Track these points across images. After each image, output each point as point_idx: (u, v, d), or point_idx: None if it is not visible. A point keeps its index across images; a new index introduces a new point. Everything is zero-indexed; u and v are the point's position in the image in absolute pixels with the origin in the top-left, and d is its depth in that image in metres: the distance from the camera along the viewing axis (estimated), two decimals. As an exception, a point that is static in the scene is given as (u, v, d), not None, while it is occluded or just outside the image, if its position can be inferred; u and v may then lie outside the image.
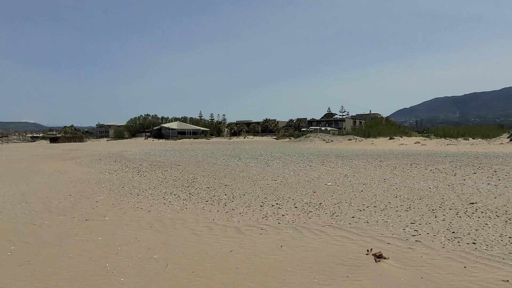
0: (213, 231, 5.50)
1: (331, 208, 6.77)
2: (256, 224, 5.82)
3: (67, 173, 14.37)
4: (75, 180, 12.07)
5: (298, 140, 48.33)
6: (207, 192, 8.98)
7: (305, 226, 5.62)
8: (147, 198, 8.43)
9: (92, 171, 15.07)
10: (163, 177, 12.21)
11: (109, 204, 7.82)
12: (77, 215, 6.84)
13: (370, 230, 5.31)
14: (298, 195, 8.23)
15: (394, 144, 33.00)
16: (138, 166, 16.31)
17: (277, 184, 9.92)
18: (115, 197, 8.64)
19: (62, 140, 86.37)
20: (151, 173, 13.37)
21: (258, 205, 7.22)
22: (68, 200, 8.50)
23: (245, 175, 12.03)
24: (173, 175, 12.67)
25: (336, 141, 41.75)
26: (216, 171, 13.31)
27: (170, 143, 56.78)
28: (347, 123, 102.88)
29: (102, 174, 13.79)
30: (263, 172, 12.73)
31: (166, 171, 14.09)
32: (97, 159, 22.07)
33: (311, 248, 4.56)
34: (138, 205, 7.61)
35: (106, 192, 9.41)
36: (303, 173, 12.09)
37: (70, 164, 19.31)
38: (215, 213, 6.69)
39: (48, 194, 9.38)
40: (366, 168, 12.95)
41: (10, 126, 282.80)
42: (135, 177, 12.48)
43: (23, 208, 7.72)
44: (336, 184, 9.63)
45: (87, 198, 8.64)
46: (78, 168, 16.41)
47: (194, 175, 12.34)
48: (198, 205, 7.46)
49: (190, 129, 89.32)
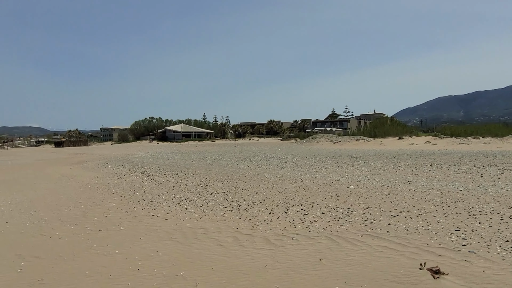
0: (239, 242, 5.04)
1: (362, 214, 6.29)
2: (285, 233, 5.36)
3: (75, 178, 13.98)
4: (84, 186, 11.67)
5: (305, 141, 47.78)
6: (224, 197, 8.52)
7: (339, 235, 5.15)
8: (162, 204, 7.99)
9: (100, 175, 14.68)
10: (175, 181, 11.77)
11: (122, 212, 7.39)
12: (90, 225, 6.40)
13: (412, 239, 4.83)
14: (321, 199, 7.75)
15: (403, 144, 32.41)
16: (147, 170, 15.89)
17: (296, 187, 9.45)
18: (128, 204, 8.21)
19: (67, 144, 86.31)
20: (161, 177, 12.94)
21: (282, 211, 6.75)
22: (78, 207, 8.08)
23: (260, 178, 11.56)
24: (185, 179, 12.24)
25: (343, 141, 41.18)
26: (229, 174, 12.86)
27: (175, 146, 56.46)
28: (352, 124, 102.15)
29: (110, 178, 13.38)
30: (278, 175, 12.26)
31: (177, 174, 13.65)
32: (103, 163, 21.70)
33: (355, 262, 4.09)
34: (153, 213, 7.17)
35: (118, 199, 8.99)
36: (320, 175, 11.61)
37: (77, 168, 18.94)
38: (238, 221, 6.23)
39: (57, 201, 8.97)
40: (385, 170, 12.44)
41: (14, 130, 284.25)
42: (145, 181, 12.05)
43: (32, 217, 7.30)
44: (358, 187, 9.14)
45: (98, 205, 8.21)
46: (85, 173, 16.03)
47: (207, 179, 11.89)
48: (217, 212, 7.00)
49: (195, 131, 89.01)
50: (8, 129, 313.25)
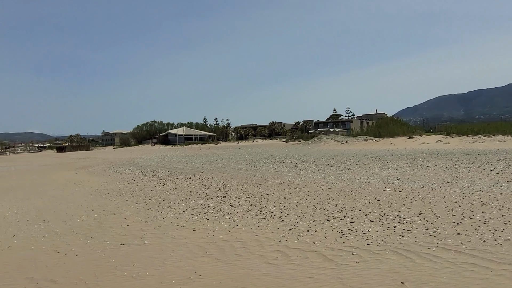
0: (290, 258, 4.29)
1: (418, 222, 5.52)
2: (340, 246, 4.60)
3: (83, 184, 13.24)
4: (93, 192, 10.92)
5: (310, 142, 47.01)
6: (250, 203, 7.77)
7: (406, 248, 4.39)
8: (183, 212, 7.23)
9: (108, 181, 13.93)
10: (190, 186, 11.02)
11: (142, 222, 6.63)
12: (108, 238, 5.65)
13: (498, 252, 4.07)
14: (361, 204, 6.99)
15: (414, 144, 31.62)
16: (157, 174, 15.14)
17: (325, 191, 8.69)
18: (146, 212, 7.45)
19: (68, 149, 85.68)
20: (174, 182, 12.19)
21: (323, 219, 5.99)
22: (91, 217, 7.33)
23: (282, 181, 10.81)
24: (200, 183, 11.48)
25: (350, 142, 40.42)
26: (247, 178, 12.10)
27: (179, 149, 55.76)
28: (354, 124, 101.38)
29: (120, 184, 12.64)
30: (299, 177, 11.51)
31: (190, 178, 12.90)
32: (110, 167, 20.95)
33: (447, 285, 3.32)
34: (177, 222, 6.41)
35: (133, 206, 8.24)
36: (346, 177, 10.85)
37: (83, 173, 18.20)
38: (277, 231, 5.47)
39: (67, 210, 8.22)
40: (414, 170, 11.67)
41: (16, 136, 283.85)
42: (159, 186, 11.30)
43: (42, 228, 6.56)
44: (395, 189, 8.38)
45: (113, 214, 7.46)
46: (92, 178, 15.28)
47: (224, 183, 11.13)
48: (249, 220, 6.24)
49: (197, 134, 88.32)
50: (10, 135, 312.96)
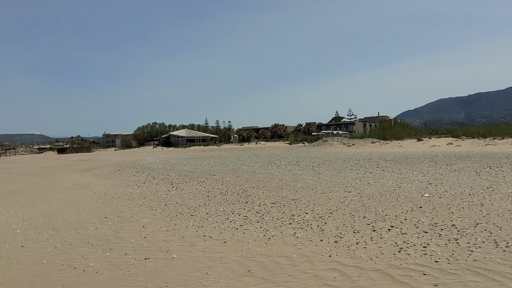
0: (352, 279, 3.65)
1: (480, 234, 4.88)
2: (404, 263, 3.96)
3: (90, 187, 12.60)
4: (103, 196, 10.29)
5: (316, 144, 46.36)
6: (278, 209, 7.13)
7: (484, 266, 3.75)
8: (207, 220, 6.59)
9: (116, 183, 13.29)
10: (205, 190, 10.38)
11: (163, 231, 6.00)
12: (129, 250, 5.02)
13: None
14: (402, 212, 6.35)
15: (424, 146, 30.98)
16: (166, 177, 14.51)
17: (356, 196, 8.05)
18: (164, 220, 6.82)
19: (70, 151, 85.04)
20: (187, 185, 11.56)
21: (368, 229, 5.36)
22: (105, 224, 6.70)
23: (303, 185, 10.17)
24: (215, 187, 10.84)
25: (357, 144, 39.76)
26: (264, 181, 11.46)
27: (182, 151, 55.13)
28: (357, 126, 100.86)
29: (130, 187, 12.00)
30: (321, 181, 10.87)
31: (203, 182, 12.26)
32: (115, 169, 20.32)
33: None
34: (203, 232, 5.77)
35: (149, 212, 7.60)
36: (372, 181, 10.21)
37: (88, 176, 17.57)
38: (321, 244, 4.83)
39: (78, 216, 7.59)
40: (442, 174, 11.03)
41: (16, 138, 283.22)
42: (172, 190, 10.67)
43: (52, 238, 5.92)
44: (433, 195, 7.74)
45: (129, 222, 6.82)
46: (99, 181, 14.65)
47: (241, 187, 10.50)
48: (284, 230, 5.61)
49: (199, 136, 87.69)
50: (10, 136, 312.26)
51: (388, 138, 41.82)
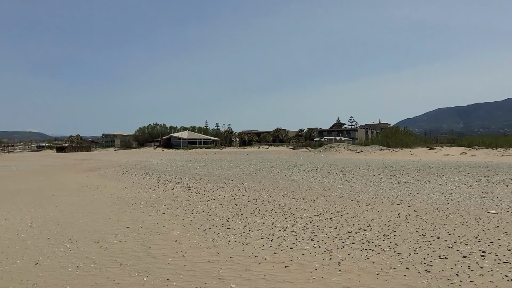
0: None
1: None
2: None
3: (99, 190, 11.66)
4: (117, 201, 9.35)
5: (322, 150, 45.50)
6: (325, 223, 6.21)
7: None
8: (248, 234, 5.66)
9: (128, 186, 12.35)
10: (229, 197, 9.46)
11: (202, 248, 5.07)
12: (171, 275, 4.09)
13: None
14: (479, 232, 5.44)
15: (437, 155, 30.13)
16: (180, 180, 13.57)
17: (407, 210, 7.14)
18: (198, 232, 5.89)
19: (69, 150, 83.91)
20: (207, 191, 10.63)
21: (456, 255, 4.44)
22: (130, 236, 5.76)
23: (338, 195, 9.26)
24: (239, 193, 9.92)
25: (365, 151, 38.93)
26: (292, 189, 10.55)
27: (185, 153, 54.17)
28: (359, 133, 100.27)
29: (144, 191, 11.06)
30: (356, 190, 9.97)
31: (223, 187, 11.33)
32: (122, 170, 19.35)
33: None
34: (252, 251, 4.85)
35: (176, 222, 6.67)
36: (415, 192, 9.31)
37: (94, 176, 16.61)
38: (410, 273, 3.92)
39: (95, 225, 6.65)
40: (489, 187, 10.12)
41: (14, 135, 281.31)
42: (192, 196, 9.73)
43: (71, 253, 4.98)
44: (500, 211, 6.84)
45: (157, 234, 5.89)
46: (108, 183, 13.69)
47: (269, 195, 9.57)
48: (351, 252, 4.68)
49: (201, 138, 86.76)
50: (8, 133, 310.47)
51: (394, 146, 41.11)
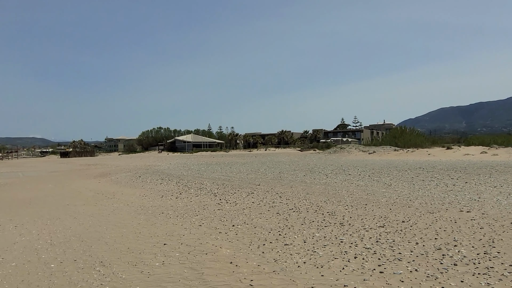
0: None
1: None
2: None
3: (117, 197, 10.74)
4: (140, 210, 8.43)
5: (333, 151, 44.49)
6: (401, 238, 5.26)
7: None
8: (316, 253, 4.72)
9: (146, 193, 11.42)
10: (265, 204, 8.51)
11: (268, 272, 4.12)
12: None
13: None
14: None
15: (456, 155, 29.11)
16: (201, 186, 12.63)
17: (487, 219, 6.18)
18: (251, 250, 4.95)
19: (73, 155, 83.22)
20: (236, 197, 9.68)
21: None
22: (173, 257, 4.83)
23: (389, 201, 8.31)
24: (275, 200, 8.97)
25: (378, 152, 37.93)
26: (330, 194, 9.59)
27: (191, 157, 53.28)
28: (365, 134, 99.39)
29: (166, 198, 10.14)
30: (404, 195, 9.01)
31: (252, 193, 10.39)
32: (134, 176, 18.43)
33: None
34: (336, 277, 3.90)
35: (218, 237, 5.73)
36: (476, 196, 8.33)
37: (107, 183, 15.70)
38: None
39: (124, 240, 5.71)
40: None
41: (17, 141, 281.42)
42: (223, 204, 8.79)
43: (107, 281, 4.06)
44: None
45: (204, 253, 4.95)
46: (123, 189, 12.76)
47: (310, 201, 8.62)
48: (466, 279, 3.73)
49: (206, 141, 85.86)
50: (11, 140, 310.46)
51: (403, 146, 40.25)
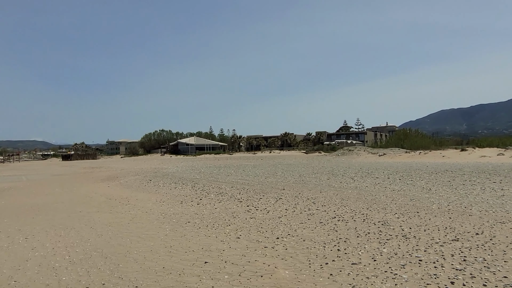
0: None
1: None
2: None
3: (132, 203, 9.90)
4: (162, 218, 7.59)
5: (340, 154, 43.63)
6: (493, 255, 4.42)
7: None
8: (399, 277, 3.88)
9: (163, 199, 10.58)
10: (301, 212, 7.67)
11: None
12: None
13: None
14: None
15: (472, 157, 28.25)
16: (221, 191, 11.78)
17: None
18: (314, 271, 4.12)
19: (75, 158, 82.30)
20: (265, 204, 8.84)
21: None
22: (222, 280, 4.00)
23: (441, 208, 7.46)
24: (310, 207, 8.13)
25: (388, 154, 37.11)
26: (368, 200, 8.74)
27: (197, 159, 52.43)
28: (368, 136, 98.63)
29: (187, 204, 9.29)
30: (453, 201, 8.17)
31: (280, 199, 9.54)
32: (145, 179, 17.58)
33: None
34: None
35: (267, 253, 4.89)
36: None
37: (116, 187, 14.85)
38: None
39: (156, 257, 4.87)
40: None
41: (19, 144, 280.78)
42: (253, 211, 7.95)
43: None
44: None
45: (258, 275, 4.11)
46: (136, 194, 11.92)
47: (351, 208, 7.77)
48: None
49: (209, 144, 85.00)
50: (12, 142, 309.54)
51: (409, 148, 39.66)
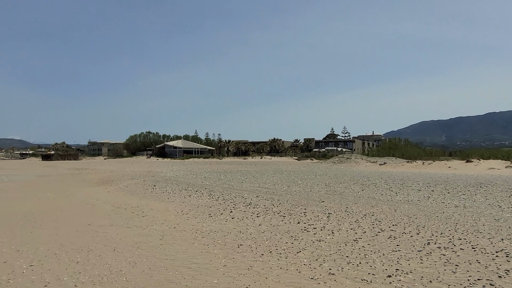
0: None
1: None
2: None
3: (146, 213, 8.23)
4: (201, 237, 6.01)
5: (338, 161, 42.56)
6: None
7: None
8: None
9: (184, 209, 8.94)
10: (381, 236, 6.23)
11: None
12: None
13: None
14: None
15: (479, 168, 27.57)
16: (245, 200, 10.21)
17: None
18: None
19: (55, 158, 78.61)
20: (319, 221, 7.35)
21: None
22: None
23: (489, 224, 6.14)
24: (382, 227, 6.69)
25: (389, 163, 36.21)
26: (402, 213, 7.36)
27: (187, 163, 50.42)
28: (356, 144, 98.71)
29: (218, 218, 7.70)
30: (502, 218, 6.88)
31: (331, 214, 8.06)
32: (146, 184, 15.77)
33: None
34: None
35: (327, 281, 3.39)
36: None
37: (117, 192, 13.05)
38: None
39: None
40: None
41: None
42: (318, 233, 6.45)
43: None
44: None
45: None
46: (147, 202, 10.20)
47: (437, 230, 6.37)
48: None
49: (197, 148, 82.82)
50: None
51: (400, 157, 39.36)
